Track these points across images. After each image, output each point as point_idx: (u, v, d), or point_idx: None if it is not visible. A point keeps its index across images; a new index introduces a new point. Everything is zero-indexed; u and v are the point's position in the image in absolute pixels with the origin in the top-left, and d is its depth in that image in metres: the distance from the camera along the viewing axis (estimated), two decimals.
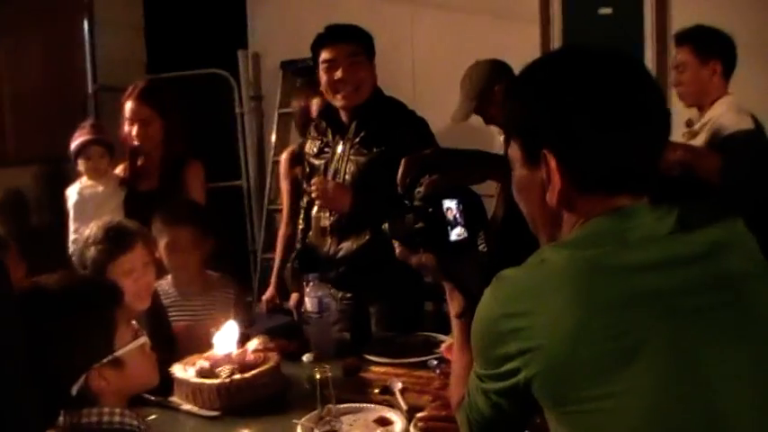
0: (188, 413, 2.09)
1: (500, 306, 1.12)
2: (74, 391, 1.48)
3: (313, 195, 2.69)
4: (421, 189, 1.55)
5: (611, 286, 1.05)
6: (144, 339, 1.60)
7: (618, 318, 1.03)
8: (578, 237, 1.15)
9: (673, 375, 1.01)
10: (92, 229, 2.31)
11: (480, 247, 1.55)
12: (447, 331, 2.76)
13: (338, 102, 2.79)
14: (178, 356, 2.28)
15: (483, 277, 1.51)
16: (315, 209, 2.72)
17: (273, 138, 5.32)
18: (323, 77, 2.77)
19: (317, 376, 1.62)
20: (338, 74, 2.72)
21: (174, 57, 5.09)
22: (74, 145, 3.31)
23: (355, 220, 2.71)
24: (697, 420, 1.01)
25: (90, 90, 4.99)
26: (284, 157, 3.81)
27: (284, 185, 3.74)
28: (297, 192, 3.51)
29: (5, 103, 4.43)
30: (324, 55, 2.75)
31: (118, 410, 1.54)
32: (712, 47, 2.93)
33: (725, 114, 2.85)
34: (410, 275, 2.88)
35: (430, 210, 1.46)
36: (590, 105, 1.13)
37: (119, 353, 1.54)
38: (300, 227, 2.95)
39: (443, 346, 2.29)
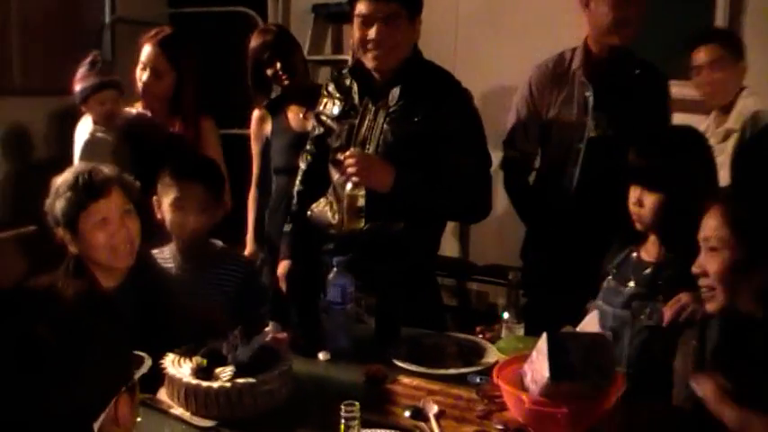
0: (178, 419, 1.75)
1: None
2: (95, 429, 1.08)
3: (350, 170, 2.31)
4: None
5: None
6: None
7: None
8: None
9: None
10: (64, 177, 1.99)
11: None
12: (467, 324, 2.38)
13: (369, 62, 2.43)
14: (172, 342, 1.93)
15: None
16: (349, 185, 2.32)
17: None
18: (356, 32, 2.42)
19: (343, 414, 1.28)
20: (371, 33, 2.36)
21: None
22: (81, 87, 2.97)
23: (390, 200, 2.34)
24: None
25: (107, 20, 4.60)
26: (256, 115, 3.40)
27: (255, 147, 3.40)
28: (267, 153, 3.31)
29: (12, 28, 4.05)
30: (359, 7, 2.38)
31: None
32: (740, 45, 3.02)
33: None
34: (429, 262, 2.58)
35: None
36: None
37: None
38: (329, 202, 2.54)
39: (494, 368, 1.86)
